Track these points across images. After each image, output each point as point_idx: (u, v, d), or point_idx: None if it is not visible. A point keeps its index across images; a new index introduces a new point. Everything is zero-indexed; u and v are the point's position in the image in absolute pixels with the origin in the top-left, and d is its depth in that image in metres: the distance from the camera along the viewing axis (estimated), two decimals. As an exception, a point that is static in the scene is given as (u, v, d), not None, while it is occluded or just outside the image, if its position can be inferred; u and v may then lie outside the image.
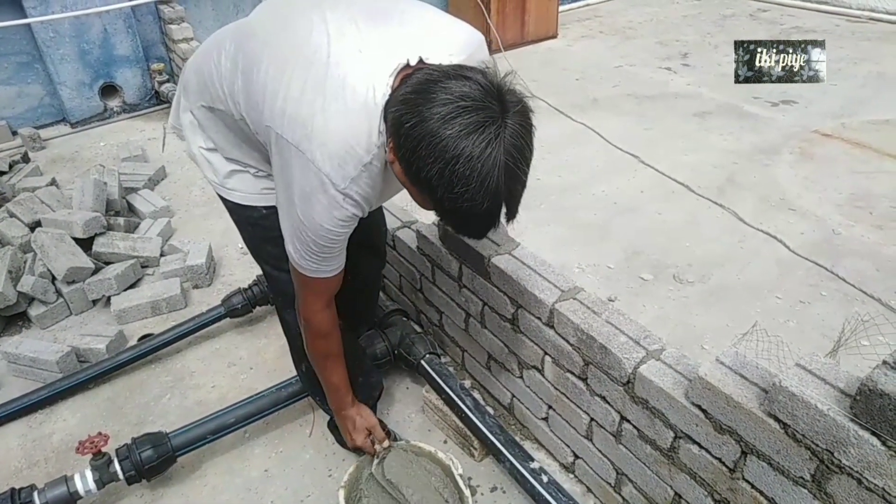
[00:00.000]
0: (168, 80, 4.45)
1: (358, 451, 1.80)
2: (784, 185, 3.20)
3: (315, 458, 1.95)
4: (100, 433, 1.75)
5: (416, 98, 1.05)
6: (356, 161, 1.18)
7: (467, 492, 1.63)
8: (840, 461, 1.05)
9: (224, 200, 1.58)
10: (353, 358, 1.83)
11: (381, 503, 1.72)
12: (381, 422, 1.85)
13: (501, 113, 1.01)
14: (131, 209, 3.22)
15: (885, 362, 1.00)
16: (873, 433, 0.99)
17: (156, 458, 1.77)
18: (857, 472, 1.03)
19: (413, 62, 1.16)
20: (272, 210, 1.43)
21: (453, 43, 1.25)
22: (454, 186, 1.02)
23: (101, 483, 1.72)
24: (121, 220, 2.93)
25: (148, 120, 4.42)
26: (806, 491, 1.13)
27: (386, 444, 1.78)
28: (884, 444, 0.98)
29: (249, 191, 1.52)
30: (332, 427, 1.96)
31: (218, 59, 1.38)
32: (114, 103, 4.45)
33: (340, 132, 1.16)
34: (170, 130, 1.67)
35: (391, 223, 2.23)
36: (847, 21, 5.54)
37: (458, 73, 1.05)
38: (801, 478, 1.13)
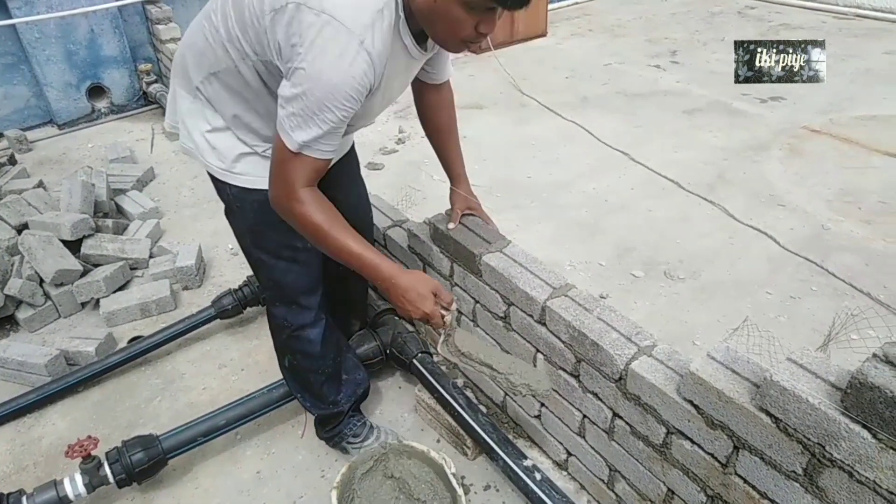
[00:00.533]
0: (156, 81, 4.42)
1: (425, 321, 1.44)
2: (773, 181, 3.22)
3: (308, 459, 1.94)
4: (89, 437, 1.73)
5: None
6: (370, 7, 1.20)
7: (460, 490, 1.62)
8: (831, 454, 1.05)
9: (227, 188, 1.54)
10: (337, 354, 1.83)
11: (374, 503, 1.71)
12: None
13: None
14: (120, 211, 3.19)
15: (874, 355, 1.00)
16: (864, 426, 0.99)
17: (146, 461, 1.75)
18: (848, 465, 1.04)
19: None
20: None
21: None
22: None
23: (90, 487, 1.70)
24: (109, 222, 2.91)
25: (136, 121, 4.39)
26: (798, 485, 1.14)
27: (455, 306, 1.48)
28: (874, 436, 0.98)
29: (259, 173, 1.48)
30: (318, 424, 1.95)
31: (209, 24, 1.41)
32: (101, 104, 4.41)
33: None
34: (168, 129, 1.64)
35: (382, 222, 2.23)
36: (834, 18, 5.57)
37: None
38: (793, 472, 1.13)
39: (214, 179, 1.57)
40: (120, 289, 2.64)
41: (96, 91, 4.38)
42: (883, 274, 2.51)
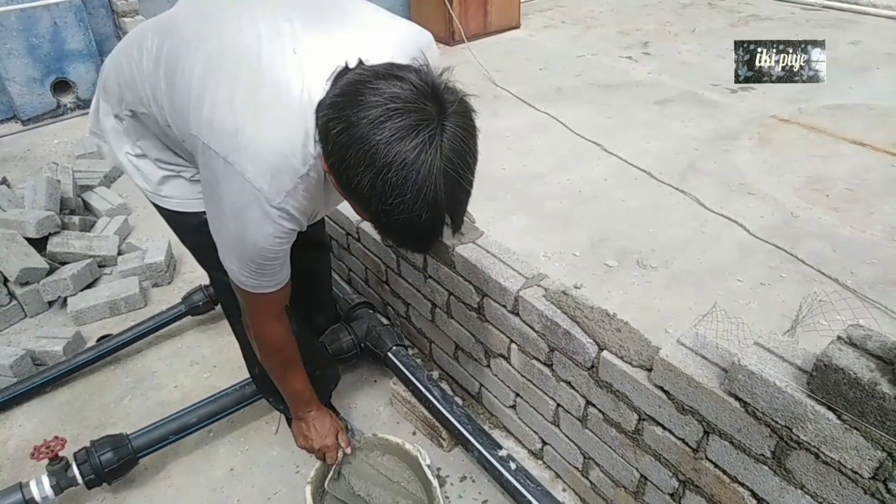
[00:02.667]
0: (123, 75, 4.33)
1: (319, 454, 1.68)
2: (743, 170, 3.26)
3: (282, 456, 1.92)
4: (56, 437, 1.70)
5: (343, 101, 0.97)
6: (291, 173, 1.08)
7: (435, 482, 1.62)
8: (798, 437, 1.07)
9: (159, 209, 1.47)
10: (308, 351, 1.80)
11: (348, 498, 1.70)
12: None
13: (438, 114, 0.92)
14: (87, 207, 3.13)
15: (839, 338, 1.01)
16: (829, 408, 1.01)
17: (116, 461, 1.72)
18: (814, 446, 1.05)
19: (352, 64, 1.07)
20: None
21: (397, 43, 1.15)
22: (388, 197, 0.93)
23: (58, 489, 1.67)
24: (76, 219, 2.85)
25: (87, 126, 4.29)
26: (766, 468, 1.15)
27: (349, 450, 1.71)
28: (839, 417, 1.00)
29: (186, 196, 1.41)
30: (259, 386, 1.91)
31: (139, 58, 1.26)
32: (67, 99, 4.31)
33: (273, 142, 1.07)
34: (91, 134, 1.53)
35: (354, 215, 2.21)
36: (802, 9, 5.66)
37: (389, 72, 0.96)
38: (762, 455, 1.15)
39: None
40: (88, 287, 2.59)
41: (62, 86, 4.27)
42: (850, 260, 2.56)
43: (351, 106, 0.95)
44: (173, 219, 1.48)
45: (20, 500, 1.63)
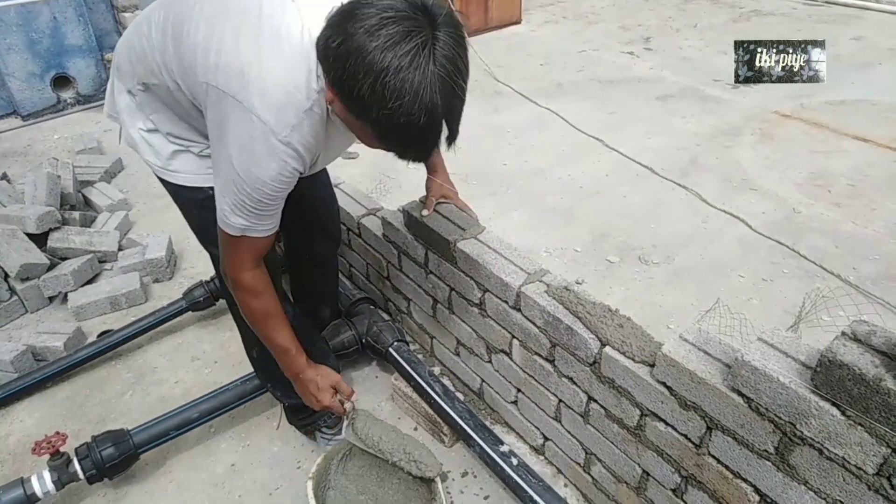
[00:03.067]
0: (123, 70, 4.32)
1: (326, 411, 1.67)
2: (745, 165, 3.25)
3: (283, 451, 1.92)
4: (57, 433, 1.69)
5: (340, 18, 1.03)
6: (296, 108, 1.16)
7: (437, 477, 1.62)
8: (802, 433, 1.06)
9: (167, 184, 1.52)
10: (308, 342, 1.80)
11: (348, 495, 1.70)
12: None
13: (429, 24, 0.99)
14: (87, 203, 3.12)
15: (843, 333, 1.01)
16: (833, 403, 1.00)
17: (117, 456, 1.72)
18: (818, 442, 1.05)
19: None
20: None
21: None
22: (388, 101, 0.98)
23: (60, 484, 1.66)
24: (76, 215, 2.84)
25: (103, 111, 4.28)
26: (770, 463, 1.15)
27: (355, 397, 1.69)
28: (843, 413, 0.99)
29: (194, 171, 1.47)
30: (290, 412, 1.93)
31: (148, 33, 1.34)
32: (67, 95, 4.31)
33: (278, 78, 1.14)
34: (107, 117, 1.60)
35: (356, 211, 2.20)
36: (804, 4, 5.64)
37: None
38: (765, 451, 1.14)
39: (156, 175, 1.54)
40: (88, 282, 2.58)
41: (62, 81, 4.27)
42: (852, 256, 2.55)
43: (347, 20, 1.01)
44: (179, 194, 1.52)
45: (21, 495, 1.62)
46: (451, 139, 1.09)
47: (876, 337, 0.98)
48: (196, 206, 1.52)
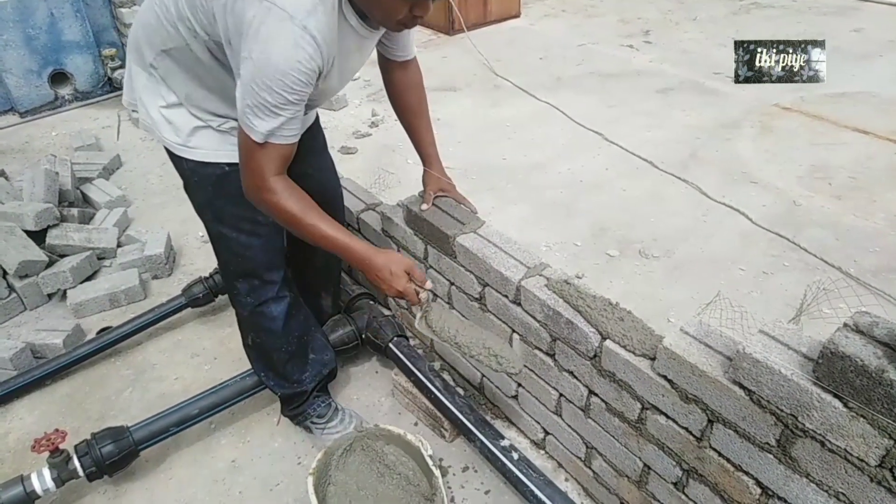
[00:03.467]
0: (121, 66, 4.31)
1: (401, 298, 1.49)
2: (745, 158, 3.24)
3: (283, 447, 1.92)
4: (57, 430, 1.69)
5: None
6: None
7: (437, 472, 1.61)
8: (804, 425, 1.06)
9: (184, 161, 1.54)
10: (303, 333, 1.81)
11: (348, 490, 1.69)
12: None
13: None
14: (86, 199, 3.11)
15: (845, 325, 1.00)
16: (835, 395, 1.00)
17: (117, 453, 1.71)
18: (820, 434, 1.04)
19: None
20: (234, 167, 1.42)
21: None
22: None
23: (59, 481, 1.66)
24: (75, 211, 2.83)
25: (101, 108, 4.28)
26: (772, 456, 1.14)
27: (429, 285, 1.50)
28: (845, 405, 0.99)
29: (213, 147, 1.51)
30: (282, 401, 1.92)
31: (160, 5, 1.39)
32: (65, 91, 4.29)
33: None
34: (126, 106, 1.63)
35: (355, 206, 2.20)
36: (804, -4, 5.61)
37: None
38: (767, 443, 1.14)
39: (172, 155, 1.57)
40: (87, 279, 2.58)
41: (59, 77, 4.25)
42: (853, 248, 2.54)
43: None
44: (196, 171, 1.54)
45: (21, 492, 1.62)
46: None
47: (878, 328, 0.97)
48: (211, 182, 1.55)
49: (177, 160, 1.57)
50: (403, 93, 1.75)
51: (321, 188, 1.65)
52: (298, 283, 1.85)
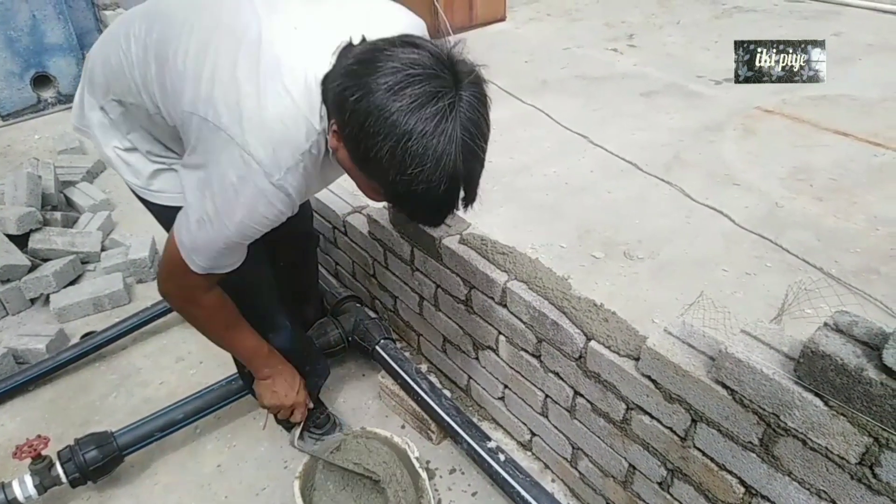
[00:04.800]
0: (104, 69, 4.27)
1: (288, 411, 1.68)
2: (728, 160, 3.27)
3: (270, 451, 1.91)
4: (39, 436, 1.67)
5: (360, 69, 0.94)
6: (294, 148, 1.06)
7: (424, 474, 1.62)
8: (786, 424, 1.07)
9: (149, 204, 1.43)
10: (300, 345, 1.79)
11: (334, 494, 1.69)
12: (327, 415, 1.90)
13: (454, 83, 0.92)
14: (69, 203, 3.09)
15: (825, 324, 1.02)
16: (816, 394, 1.01)
17: (101, 459, 1.70)
18: (801, 433, 1.05)
19: (356, 41, 1.05)
20: None
21: (397, 23, 1.14)
22: (408, 167, 0.92)
23: (42, 488, 1.64)
24: (58, 215, 2.81)
25: (70, 122, 4.23)
26: (755, 455, 1.16)
27: (311, 404, 1.75)
28: (826, 404, 1.00)
29: (178, 189, 1.34)
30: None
31: (127, 47, 1.23)
32: (48, 94, 4.25)
33: (277, 115, 1.04)
34: (74, 130, 1.48)
35: (341, 209, 2.19)
36: (785, 1, 5.68)
37: (405, 41, 0.96)
38: (750, 442, 1.15)
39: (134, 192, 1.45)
40: (71, 283, 2.56)
41: (42, 80, 4.21)
42: (834, 249, 2.57)
43: (369, 73, 0.93)
44: (163, 214, 1.42)
45: (3, 500, 1.60)
46: (468, 202, 1.02)
47: (857, 327, 0.99)
48: None
49: (142, 200, 1.44)
50: None
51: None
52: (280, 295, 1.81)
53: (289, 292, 1.96)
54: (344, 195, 2.25)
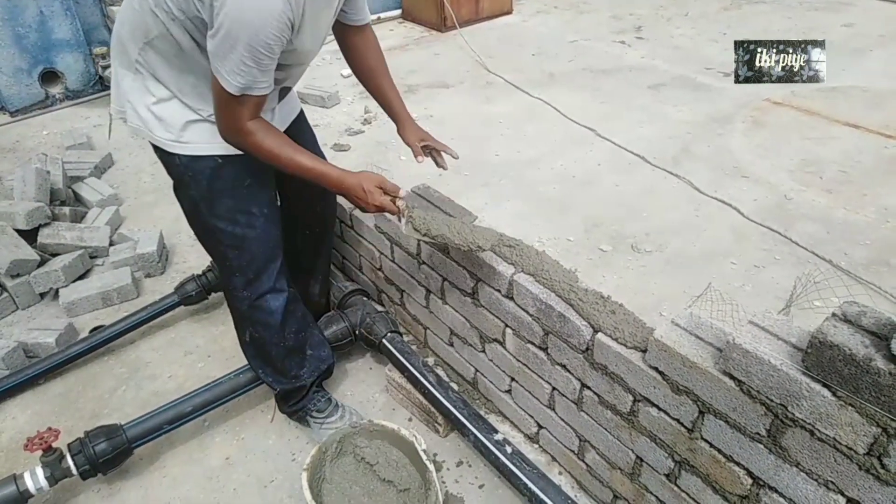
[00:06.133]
0: (112, 65, 4.28)
1: (381, 211, 1.58)
2: (737, 153, 3.24)
3: (278, 444, 1.92)
4: (49, 428, 1.69)
5: None
6: None
7: (431, 467, 1.62)
8: (793, 414, 1.07)
9: (176, 160, 1.54)
10: (300, 328, 1.81)
11: (342, 486, 1.70)
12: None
13: None
14: (77, 198, 3.10)
15: (833, 315, 1.01)
16: (824, 384, 1.01)
17: (111, 451, 1.71)
18: (809, 423, 1.05)
19: None
20: (227, 159, 1.50)
21: None
22: None
23: (53, 480, 1.66)
24: (66, 210, 2.82)
25: (93, 106, 4.25)
26: (762, 446, 1.15)
27: (403, 193, 1.59)
28: (834, 394, 0.99)
29: (206, 139, 1.52)
30: (280, 399, 1.93)
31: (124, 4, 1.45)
32: (56, 90, 4.27)
33: None
34: (115, 114, 1.62)
35: (348, 202, 2.19)
36: (795, -8, 5.63)
37: None
38: (757, 433, 1.15)
39: (163, 153, 1.57)
40: (80, 278, 2.57)
41: (50, 76, 4.23)
42: (844, 241, 2.55)
43: None
44: (189, 166, 1.55)
45: (14, 491, 1.62)
46: None
47: (866, 318, 0.98)
48: (206, 176, 1.56)
49: (168, 158, 1.57)
50: (364, 56, 1.77)
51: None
52: (291, 266, 1.85)
53: (303, 264, 2.00)
54: (350, 189, 2.25)
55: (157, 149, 1.58)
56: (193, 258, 2.72)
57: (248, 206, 1.62)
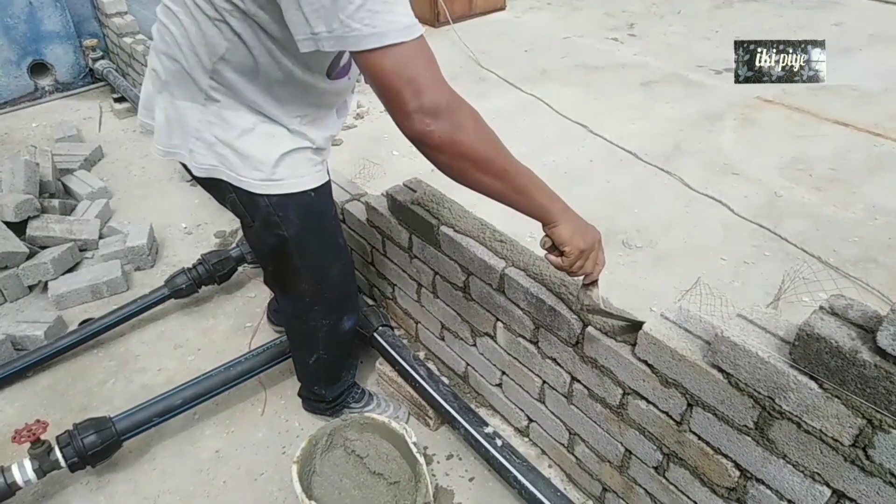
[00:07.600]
0: (102, 57, 4.25)
1: (587, 269, 1.36)
2: (728, 150, 3.27)
3: (268, 437, 1.92)
4: (38, 420, 1.67)
5: None
6: None
7: (421, 459, 1.62)
8: (781, 406, 1.08)
9: (264, 201, 1.34)
10: (345, 350, 1.83)
11: (332, 479, 1.70)
12: None
13: None
14: (67, 191, 3.08)
15: (821, 308, 1.02)
16: (811, 377, 1.02)
17: (100, 444, 1.70)
18: (796, 416, 1.06)
19: None
20: (319, 191, 1.39)
21: None
22: None
23: (41, 472, 1.65)
24: (56, 203, 2.80)
25: (83, 99, 4.22)
26: (750, 438, 1.16)
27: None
28: (821, 386, 1.00)
29: (301, 173, 1.34)
30: (325, 402, 1.88)
31: (189, 14, 1.18)
32: (45, 82, 4.23)
33: None
34: (163, 154, 1.38)
35: (340, 196, 2.19)
36: (786, -10, 5.66)
37: None
38: (745, 426, 1.16)
39: (243, 194, 1.35)
40: (69, 270, 2.55)
41: (39, 68, 4.19)
42: (833, 238, 2.58)
43: None
44: (280, 206, 1.35)
45: (2, 483, 1.61)
46: None
47: (853, 310, 0.99)
48: (298, 214, 1.39)
49: (250, 199, 1.35)
50: None
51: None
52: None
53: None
54: (342, 183, 2.25)
55: (231, 189, 1.34)
56: (184, 251, 2.71)
57: (337, 238, 1.53)
